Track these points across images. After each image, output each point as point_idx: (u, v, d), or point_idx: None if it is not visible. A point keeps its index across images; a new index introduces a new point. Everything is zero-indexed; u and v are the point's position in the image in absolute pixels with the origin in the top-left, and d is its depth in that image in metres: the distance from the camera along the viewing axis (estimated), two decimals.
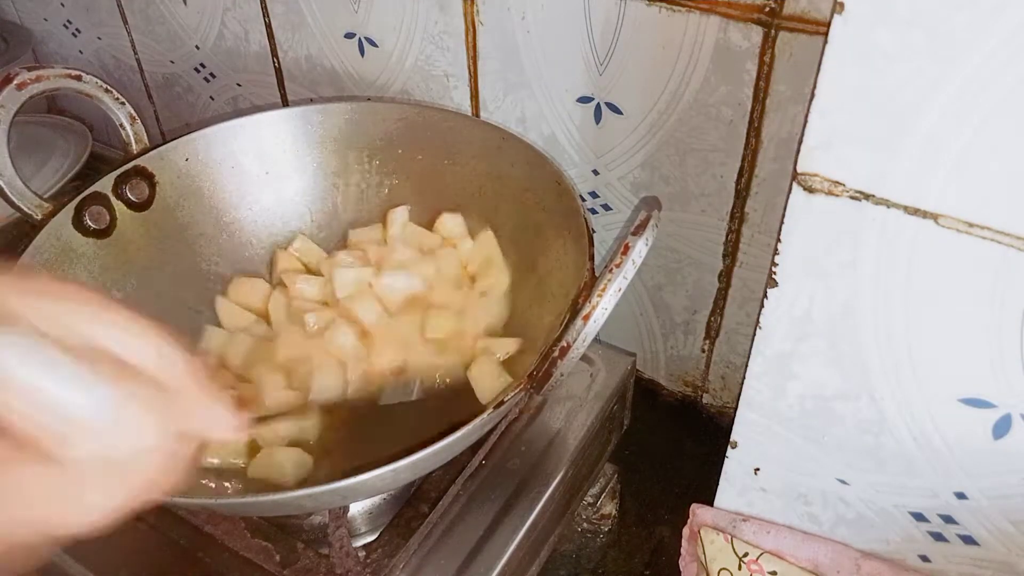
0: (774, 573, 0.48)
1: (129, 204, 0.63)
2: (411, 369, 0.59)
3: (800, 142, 0.35)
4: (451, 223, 0.66)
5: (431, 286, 0.63)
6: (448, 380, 0.59)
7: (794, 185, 0.36)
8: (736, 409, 0.46)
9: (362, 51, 0.74)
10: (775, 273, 0.39)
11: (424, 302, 0.62)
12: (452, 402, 0.57)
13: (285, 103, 0.86)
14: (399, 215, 0.68)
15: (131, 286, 0.63)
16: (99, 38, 0.98)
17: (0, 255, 0.74)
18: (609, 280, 0.45)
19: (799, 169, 0.36)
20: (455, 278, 0.64)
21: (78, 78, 0.61)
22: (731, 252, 0.63)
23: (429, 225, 0.68)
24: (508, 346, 0.59)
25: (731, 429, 0.47)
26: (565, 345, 0.46)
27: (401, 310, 0.62)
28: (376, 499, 0.56)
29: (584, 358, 0.63)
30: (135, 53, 0.96)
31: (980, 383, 0.37)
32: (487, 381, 0.56)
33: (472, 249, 0.65)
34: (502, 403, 0.46)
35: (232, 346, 0.62)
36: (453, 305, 0.62)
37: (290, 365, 0.60)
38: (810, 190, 0.36)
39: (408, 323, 0.61)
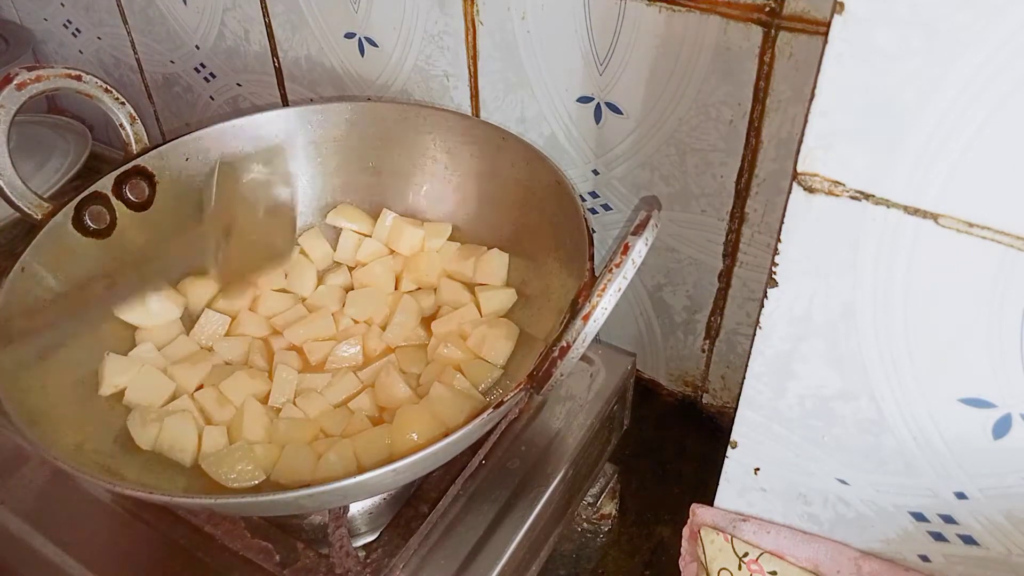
0: (774, 573, 0.48)
1: (129, 204, 0.63)
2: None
3: (800, 142, 0.35)
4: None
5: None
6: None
7: (794, 185, 0.36)
8: (736, 409, 0.46)
9: (362, 51, 0.74)
10: (775, 273, 0.39)
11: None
12: None
13: (285, 103, 0.86)
14: (387, 218, 0.69)
15: (131, 286, 0.63)
16: (99, 38, 0.98)
17: (0, 255, 0.74)
18: (609, 280, 0.45)
19: (799, 169, 0.36)
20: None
21: (78, 78, 0.61)
22: (731, 252, 0.63)
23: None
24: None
25: (731, 429, 0.47)
26: (565, 345, 0.46)
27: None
28: (376, 499, 0.56)
29: (584, 358, 0.63)
30: (135, 53, 0.96)
31: (980, 383, 0.37)
32: (447, 405, 0.55)
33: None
34: (502, 403, 0.46)
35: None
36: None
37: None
38: (810, 190, 0.36)
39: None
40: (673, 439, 0.74)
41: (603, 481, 0.69)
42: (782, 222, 0.38)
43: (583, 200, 0.67)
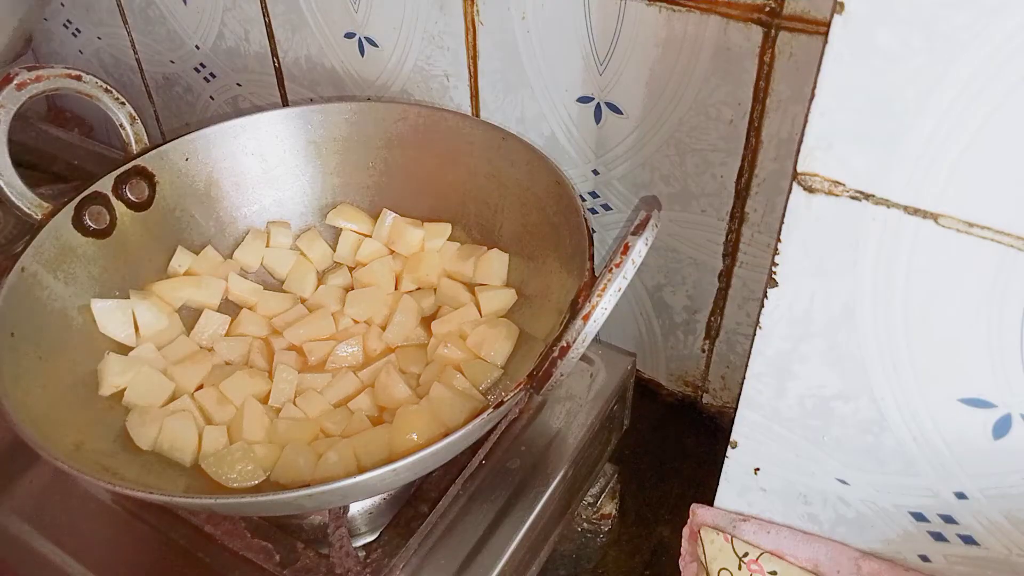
0: (774, 573, 0.48)
1: (129, 204, 0.63)
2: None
3: (800, 142, 0.35)
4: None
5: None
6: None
7: (794, 185, 0.36)
8: (736, 409, 0.46)
9: (362, 51, 0.74)
10: (775, 273, 0.39)
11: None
12: None
13: (285, 103, 0.86)
14: (387, 218, 0.69)
15: (131, 286, 0.63)
16: (99, 38, 0.98)
17: (0, 255, 0.74)
18: (609, 280, 0.45)
19: (799, 169, 0.36)
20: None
21: (78, 78, 0.61)
22: (731, 252, 0.63)
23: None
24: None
25: (731, 429, 0.47)
26: (565, 345, 0.46)
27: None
28: (376, 499, 0.56)
29: (584, 358, 0.63)
30: (135, 53, 0.96)
31: (980, 383, 0.37)
32: (446, 406, 0.54)
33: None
34: (502, 403, 0.46)
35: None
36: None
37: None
38: (810, 190, 0.36)
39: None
40: (673, 439, 0.74)
41: (603, 481, 0.69)
42: (782, 222, 0.38)
43: (583, 200, 0.67)
